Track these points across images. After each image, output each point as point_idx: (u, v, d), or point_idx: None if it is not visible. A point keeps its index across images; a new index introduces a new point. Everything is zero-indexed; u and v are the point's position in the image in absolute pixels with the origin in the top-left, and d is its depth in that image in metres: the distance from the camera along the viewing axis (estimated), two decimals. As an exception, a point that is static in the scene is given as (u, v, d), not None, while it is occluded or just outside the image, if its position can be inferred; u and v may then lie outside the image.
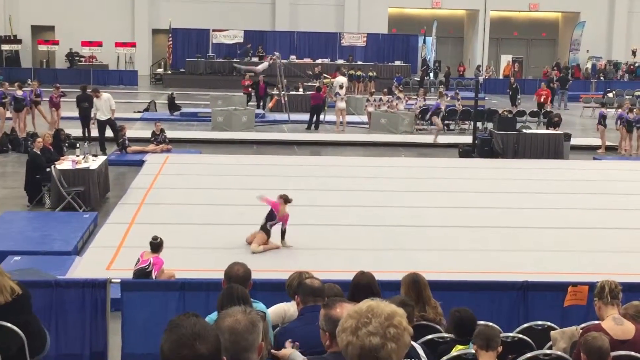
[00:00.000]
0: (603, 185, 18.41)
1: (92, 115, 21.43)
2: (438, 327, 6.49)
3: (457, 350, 5.99)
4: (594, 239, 13.67)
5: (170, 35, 43.76)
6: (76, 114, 23.14)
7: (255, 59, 42.79)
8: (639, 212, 15.69)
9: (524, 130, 23.31)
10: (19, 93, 23.66)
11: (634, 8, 49.61)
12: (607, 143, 24.40)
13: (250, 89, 32.35)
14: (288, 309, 6.22)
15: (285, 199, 12.34)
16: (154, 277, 9.51)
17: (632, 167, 21.34)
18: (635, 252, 12.83)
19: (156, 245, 9.89)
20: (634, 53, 48.12)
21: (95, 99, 21.27)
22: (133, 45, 44.61)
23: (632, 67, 47.52)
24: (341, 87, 29.36)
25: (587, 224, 14.67)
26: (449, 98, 28.89)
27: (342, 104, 27.35)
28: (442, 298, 7.05)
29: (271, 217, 12.26)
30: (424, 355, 5.36)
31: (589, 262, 12.09)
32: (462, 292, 8.04)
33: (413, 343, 5.55)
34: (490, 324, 6.39)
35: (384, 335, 2.75)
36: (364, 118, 28.69)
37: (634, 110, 24.23)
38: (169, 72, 43.79)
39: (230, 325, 3.04)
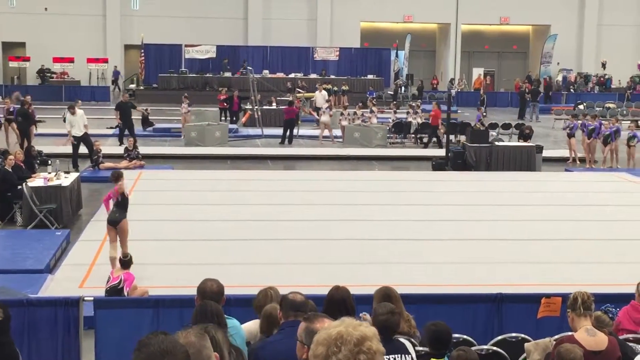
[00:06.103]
0: (574, 197, 18.55)
1: (67, 131, 21.33)
2: (412, 340, 6.49)
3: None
4: (566, 250, 13.74)
5: (143, 50, 43.65)
6: (46, 130, 22.96)
7: (227, 74, 42.82)
8: (611, 223, 15.87)
9: (497, 143, 23.47)
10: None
11: (604, 21, 50.14)
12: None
13: (225, 104, 32.36)
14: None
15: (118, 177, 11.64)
16: (125, 293, 9.45)
17: (603, 179, 21.53)
18: (608, 263, 12.93)
19: (126, 263, 9.86)
20: (603, 65, 48.61)
21: (69, 115, 21.16)
22: (105, 61, 44.43)
23: (602, 79, 48.01)
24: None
25: (559, 235, 14.75)
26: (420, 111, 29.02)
27: (325, 118, 27.53)
28: (417, 311, 7.05)
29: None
30: (413, 352, 5.38)
31: (562, 273, 12.14)
32: (436, 305, 8.05)
33: (402, 339, 5.56)
34: (469, 344, 6.38)
35: None
36: (338, 132, 28.79)
37: (610, 122, 24.38)
38: (142, 87, 43.62)
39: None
